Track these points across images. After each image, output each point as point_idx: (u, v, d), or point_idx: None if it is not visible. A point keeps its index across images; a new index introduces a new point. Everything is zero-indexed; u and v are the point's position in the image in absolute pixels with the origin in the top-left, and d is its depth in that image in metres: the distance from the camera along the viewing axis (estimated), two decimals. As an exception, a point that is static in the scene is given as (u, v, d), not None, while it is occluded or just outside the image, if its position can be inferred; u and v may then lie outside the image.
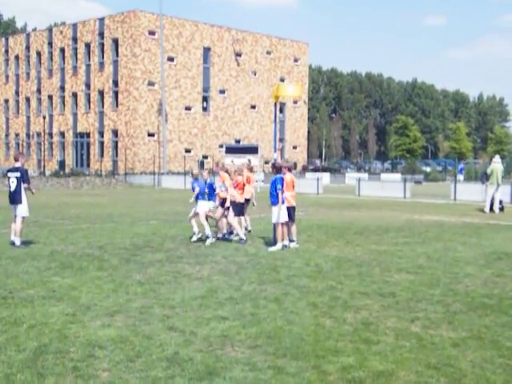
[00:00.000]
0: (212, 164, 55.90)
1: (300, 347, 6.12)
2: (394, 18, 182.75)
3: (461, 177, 44.85)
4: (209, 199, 13.97)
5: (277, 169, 13.13)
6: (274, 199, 12.80)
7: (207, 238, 13.56)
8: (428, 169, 67.81)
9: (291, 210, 13.21)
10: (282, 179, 12.90)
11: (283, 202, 12.86)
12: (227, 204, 14.01)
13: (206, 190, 13.87)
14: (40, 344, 6.13)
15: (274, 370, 5.50)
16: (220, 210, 14.22)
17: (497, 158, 23.69)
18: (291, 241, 13.16)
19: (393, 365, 5.65)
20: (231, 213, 14.12)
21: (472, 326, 6.95)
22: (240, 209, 14.49)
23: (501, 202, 22.91)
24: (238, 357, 5.83)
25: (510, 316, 7.43)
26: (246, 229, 14.92)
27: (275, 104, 12.30)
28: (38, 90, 65.26)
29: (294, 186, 13.50)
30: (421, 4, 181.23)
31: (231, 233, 14.52)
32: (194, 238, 13.79)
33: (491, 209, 22.58)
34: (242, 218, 14.76)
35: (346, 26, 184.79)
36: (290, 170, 13.51)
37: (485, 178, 23.81)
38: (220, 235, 14.26)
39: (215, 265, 10.74)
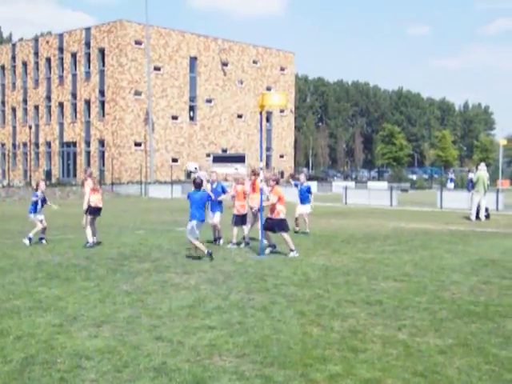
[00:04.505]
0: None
1: (288, 356, 6.13)
2: (379, 27, 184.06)
3: (451, 185, 45.22)
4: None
5: (198, 185, 12.86)
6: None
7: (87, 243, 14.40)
8: (414, 177, 68.21)
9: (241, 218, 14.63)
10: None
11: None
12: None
13: None
14: (27, 355, 6.10)
15: (261, 378, 5.50)
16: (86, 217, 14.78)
17: (482, 166, 23.91)
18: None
19: (380, 372, 5.67)
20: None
21: (458, 333, 6.99)
22: (239, 219, 14.61)
23: (486, 210, 23.09)
24: (226, 366, 5.84)
25: (496, 323, 7.49)
26: (243, 238, 14.86)
27: (260, 113, 12.29)
28: (24, 100, 64.93)
29: (244, 197, 14.76)
30: (404, 14, 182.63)
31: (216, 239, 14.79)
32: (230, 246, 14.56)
33: (477, 216, 22.74)
34: (245, 227, 14.84)
35: (332, 35, 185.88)
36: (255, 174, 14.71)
37: (471, 185, 24.00)
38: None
39: (202, 274, 10.74)
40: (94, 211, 14.81)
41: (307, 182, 18.54)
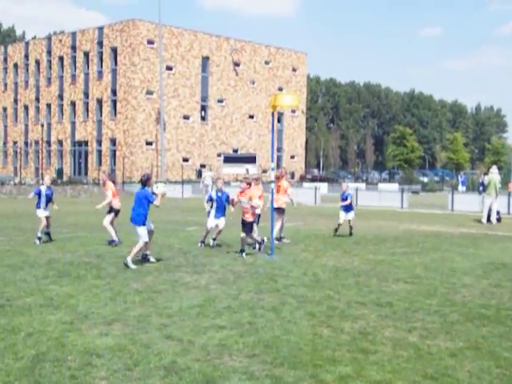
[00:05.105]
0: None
1: (298, 356, 6.12)
2: (391, 28, 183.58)
3: (463, 188, 45.22)
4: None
5: (143, 182, 12.60)
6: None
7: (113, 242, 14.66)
8: (425, 179, 67.92)
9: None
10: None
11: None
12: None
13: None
14: (38, 352, 6.13)
15: (271, 379, 5.50)
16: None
17: (494, 169, 23.78)
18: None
19: (390, 374, 5.66)
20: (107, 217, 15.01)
21: (469, 337, 6.96)
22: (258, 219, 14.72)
23: (498, 213, 22.97)
24: (236, 366, 5.84)
25: (507, 326, 7.45)
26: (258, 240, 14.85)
27: (272, 114, 12.27)
28: (37, 99, 65.30)
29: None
30: (417, 15, 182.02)
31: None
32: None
33: (488, 219, 22.63)
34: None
35: (344, 36, 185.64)
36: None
37: (482, 188, 23.91)
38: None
39: (213, 274, 10.75)
40: (116, 212, 15.16)
41: (349, 189, 18.43)
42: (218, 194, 14.49)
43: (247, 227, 13.45)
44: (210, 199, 14.63)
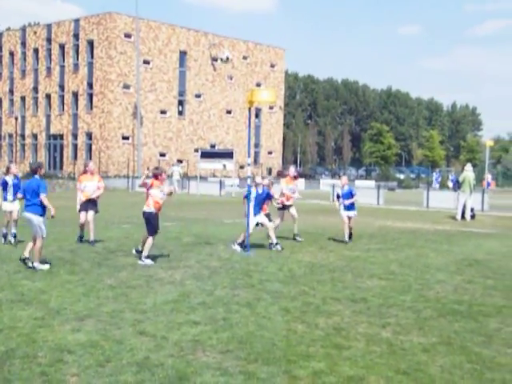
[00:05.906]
0: (187, 168, 55.74)
1: (271, 352, 6.12)
2: (369, 26, 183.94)
3: (437, 185, 45.93)
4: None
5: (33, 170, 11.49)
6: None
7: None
8: (402, 176, 68.42)
9: None
10: None
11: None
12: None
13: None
14: (7, 348, 6.04)
15: (245, 375, 5.49)
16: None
17: (468, 167, 24.03)
18: None
19: (363, 370, 5.68)
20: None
21: (442, 332, 7.02)
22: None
23: (472, 210, 23.21)
24: (209, 362, 5.81)
25: (479, 322, 7.52)
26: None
27: (249, 109, 12.28)
28: (11, 91, 64.41)
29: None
30: (395, 14, 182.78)
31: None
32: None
33: (463, 216, 22.86)
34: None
35: (323, 33, 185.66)
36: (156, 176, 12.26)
37: (457, 185, 24.14)
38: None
39: (188, 269, 10.70)
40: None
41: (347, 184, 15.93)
42: (257, 190, 13.60)
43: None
44: (247, 196, 13.59)
